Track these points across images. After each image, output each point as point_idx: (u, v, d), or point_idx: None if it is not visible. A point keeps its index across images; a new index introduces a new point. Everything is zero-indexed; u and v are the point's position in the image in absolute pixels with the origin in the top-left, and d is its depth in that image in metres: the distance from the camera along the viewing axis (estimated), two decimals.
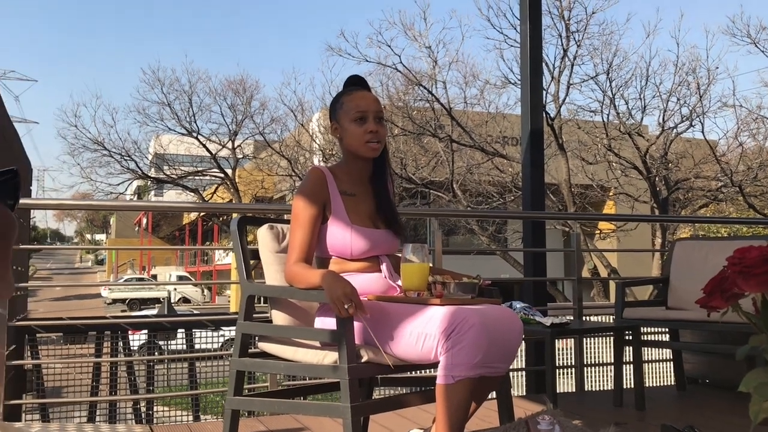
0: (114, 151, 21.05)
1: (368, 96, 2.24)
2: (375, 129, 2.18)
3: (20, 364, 3.80)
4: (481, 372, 1.90)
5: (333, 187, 2.20)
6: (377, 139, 2.19)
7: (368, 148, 2.19)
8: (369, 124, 2.18)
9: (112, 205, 8.50)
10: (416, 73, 15.30)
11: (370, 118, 2.19)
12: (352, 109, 2.20)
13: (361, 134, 2.18)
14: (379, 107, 2.22)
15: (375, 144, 2.19)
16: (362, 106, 2.20)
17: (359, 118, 2.19)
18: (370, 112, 2.19)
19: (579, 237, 4.70)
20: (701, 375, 4.35)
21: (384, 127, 2.23)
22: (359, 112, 2.19)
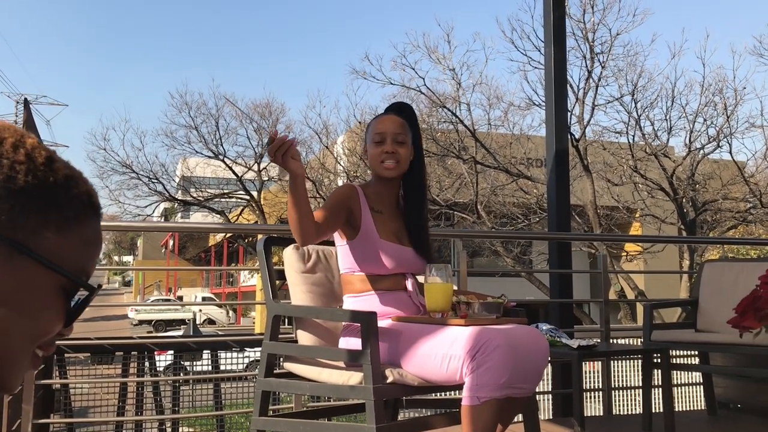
0: (142, 174, 21.35)
1: (390, 119, 2.29)
2: (391, 150, 2.22)
3: (48, 384, 3.84)
4: (508, 393, 1.89)
5: (363, 202, 2.23)
6: (393, 159, 2.23)
7: (383, 167, 2.24)
8: (386, 146, 2.23)
9: (139, 226, 8.61)
10: (440, 96, 15.36)
11: (387, 140, 2.24)
12: (372, 133, 2.28)
13: (378, 155, 2.24)
14: (398, 129, 2.26)
15: (390, 163, 2.23)
16: (380, 128, 2.26)
17: (378, 141, 2.25)
18: (388, 133, 2.24)
19: (606, 258, 4.65)
20: (733, 399, 4.26)
21: (405, 149, 2.26)
22: (378, 134, 2.25)
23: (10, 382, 0.67)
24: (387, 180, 2.28)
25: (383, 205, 2.28)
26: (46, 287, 0.66)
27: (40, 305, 0.66)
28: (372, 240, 2.19)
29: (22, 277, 0.64)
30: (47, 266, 0.66)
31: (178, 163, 24.31)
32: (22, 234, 0.64)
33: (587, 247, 14.84)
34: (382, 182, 2.29)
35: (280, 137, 1.88)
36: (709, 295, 3.91)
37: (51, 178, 0.67)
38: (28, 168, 0.66)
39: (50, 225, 0.66)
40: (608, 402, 4.25)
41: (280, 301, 2.32)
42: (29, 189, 0.65)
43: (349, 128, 18.24)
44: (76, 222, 0.68)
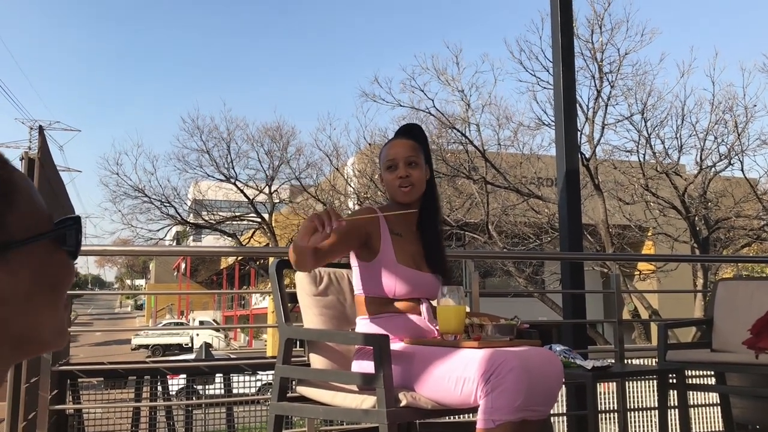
0: (154, 198, 21.47)
1: (399, 143, 2.30)
2: (404, 174, 2.24)
3: (62, 409, 3.84)
4: (523, 416, 1.88)
5: (384, 226, 2.23)
6: (408, 183, 2.24)
7: (400, 192, 2.25)
8: (399, 171, 2.24)
9: (151, 251, 8.63)
10: (449, 117, 15.40)
11: (400, 165, 2.25)
12: (384, 159, 2.30)
13: (393, 180, 2.26)
14: (409, 152, 2.27)
15: (406, 188, 2.24)
16: (391, 154, 2.27)
17: (390, 167, 2.27)
18: (399, 158, 2.26)
19: (619, 278, 4.63)
20: (750, 420, 4.20)
21: (418, 170, 2.27)
22: (389, 161, 2.27)
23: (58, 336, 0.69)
24: (405, 204, 2.29)
25: (402, 227, 2.29)
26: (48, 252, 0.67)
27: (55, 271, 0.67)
28: (389, 264, 2.19)
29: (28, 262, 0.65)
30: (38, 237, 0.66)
31: (190, 186, 24.46)
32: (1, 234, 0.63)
33: (600, 267, 14.75)
34: (400, 207, 2.30)
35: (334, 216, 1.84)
36: (723, 314, 3.87)
37: None
38: None
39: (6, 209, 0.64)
40: (624, 423, 4.20)
41: (292, 324, 2.32)
42: None
43: (359, 150, 18.31)
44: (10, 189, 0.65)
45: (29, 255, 0.65)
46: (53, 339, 0.69)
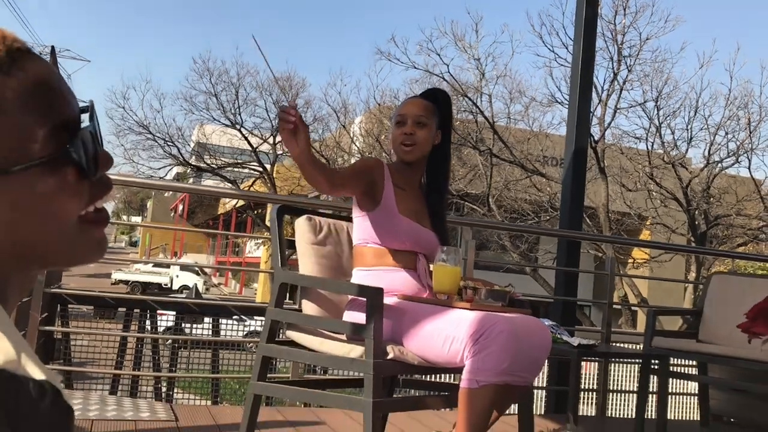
0: (158, 136, 21.40)
1: (415, 101, 2.29)
2: (410, 131, 2.22)
3: (51, 331, 3.88)
4: (507, 380, 1.90)
5: (388, 176, 2.24)
6: (410, 142, 2.22)
7: (401, 149, 2.24)
8: (405, 127, 2.23)
9: (151, 184, 8.62)
10: (462, 84, 15.27)
11: (408, 122, 2.23)
12: (395, 114, 2.28)
13: (397, 136, 2.24)
14: (421, 111, 2.25)
15: (408, 146, 2.22)
16: (403, 110, 2.26)
17: (399, 122, 2.25)
18: (409, 115, 2.24)
19: (613, 261, 4.64)
20: (727, 413, 4.26)
21: (426, 132, 2.25)
22: (399, 116, 2.26)
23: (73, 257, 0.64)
24: (412, 164, 2.29)
25: (406, 184, 2.29)
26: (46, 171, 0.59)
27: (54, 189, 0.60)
28: (391, 214, 2.20)
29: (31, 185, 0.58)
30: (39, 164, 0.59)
31: (195, 128, 24.35)
32: None
33: (594, 250, 14.79)
34: (407, 165, 2.29)
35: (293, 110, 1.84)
36: (714, 307, 3.90)
37: None
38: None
39: None
40: (602, 404, 4.26)
41: (287, 270, 2.33)
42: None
43: (368, 109, 18.19)
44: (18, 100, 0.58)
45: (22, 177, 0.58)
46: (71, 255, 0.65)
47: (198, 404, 5.86)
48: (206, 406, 3.84)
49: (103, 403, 2.98)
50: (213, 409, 3.28)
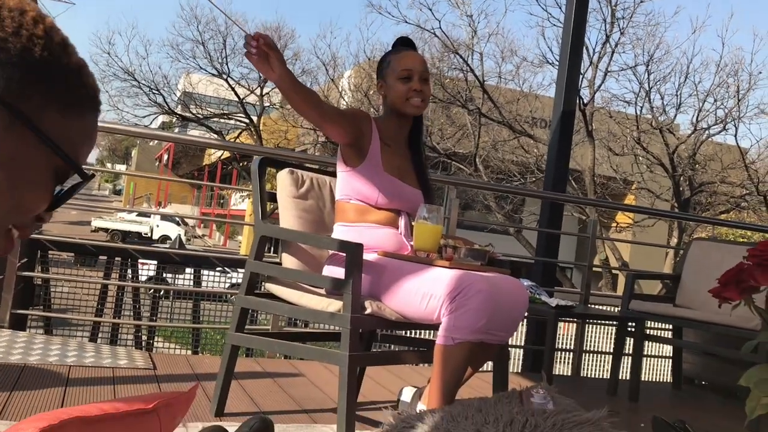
0: (143, 83, 21.11)
1: (416, 56, 2.28)
2: (420, 88, 2.22)
3: (30, 276, 3.86)
4: (482, 338, 1.91)
5: (375, 131, 2.22)
6: (421, 98, 2.23)
7: (411, 105, 2.23)
8: (414, 83, 2.22)
9: (137, 132, 8.53)
10: (454, 41, 15.11)
11: (415, 78, 2.22)
12: (398, 68, 2.23)
13: (405, 92, 2.22)
14: (425, 68, 2.26)
15: (418, 101, 2.23)
16: (409, 65, 2.23)
17: (405, 77, 2.22)
18: (415, 71, 2.22)
19: (596, 224, 4.67)
20: (698, 376, 4.35)
21: (428, 87, 2.27)
22: (405, 71, 2.22)
23: None
24: (404, 118, 2.28)
25: (392, 140, 2.27)
26: (41, 164, 0.67)
27: (30, 179, 0.67)
28: (376, 170, 2.18)
29: (19, 147, 0.65)
30: (47, 143, 0.66)
31: (181, 77, 24.04)
32: (27, 105, 0.65)
33: (578, 213, 14.89)
34: (396, 119, 2.28)
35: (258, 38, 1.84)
36: (692, 273, 3.94)
37: (65, 60, 0.68)
38: (45, 44, 0.66)
39: (56, 105, 0.67)
40: (577, 364, 4.33)
41: (268, 223, 2.31)
42: (43, 64, 0.65)
43: (358, 63, 17.99)
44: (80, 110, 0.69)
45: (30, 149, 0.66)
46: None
47: (178, 353, 5.90)
48: (185, 356, 3.86)
49: (82, 349, 2.99)
50: (192, 358, 3.30)
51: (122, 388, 2.48)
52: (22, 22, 0.65)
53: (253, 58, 1.86)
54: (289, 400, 2.57)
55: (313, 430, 2.21)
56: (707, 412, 3.49)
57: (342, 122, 2.12)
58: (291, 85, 1.93)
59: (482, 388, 2.77)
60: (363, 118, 2.21)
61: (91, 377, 2.59)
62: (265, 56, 1.87)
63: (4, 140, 0.64)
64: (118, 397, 2.30)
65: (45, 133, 0.66)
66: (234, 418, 2.21)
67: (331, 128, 2.12)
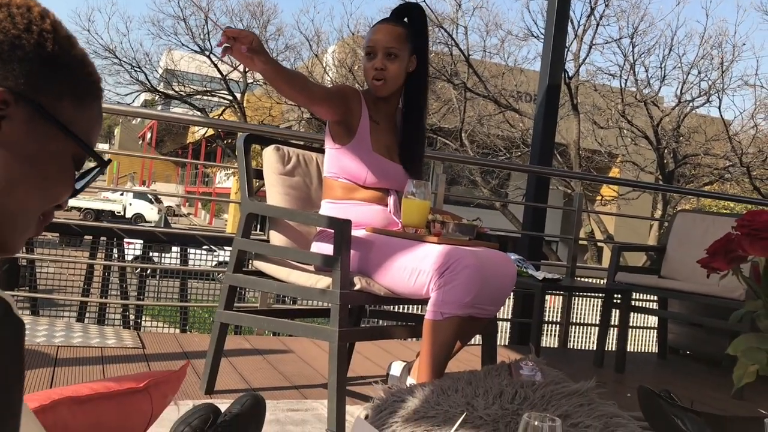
0: (125, 61, 20.82)
1: (383, 29, 2.14)
2: (380, 66, 2.11)
3: (14, 258, 3.83)
4: (471, 312, 1.92)
5: (365, 107, 2.17)
6: (380, 77, 2.12)
7: (373, 84, 2.15)
8: (376, 60, 2.12)
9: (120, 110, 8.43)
10: (438, 15, 14.99)
11: (378, 54, 2.12)
12: (365, 43, 2.16)
13: (368, 70, 2.15)
14: (391, 42, 2.11)
15: (378, 82, 2.12)
16: (372, 40, 2.13)
17: (368, 53, 2.14)
18: (378, 47, 2.11)
19: (582, 197, 4.69)
20: (683, 346, 4.41)
21: (397, 64, 2.13)
22: (368, 47, 2.14)
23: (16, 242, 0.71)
24: (380, 98, 2.20)
25: (380, 116, 2.22)
26: (63, 154, 0.71)
27: (56, 170, 0.71)
28: (364, 150, 2.14)
29: (43, 140, 0.69)
30: (67, 133, 0.70)
31: (163, 54, 23.71)
32: (45, 99, 0.68)
33: (564, 187, 14.95)
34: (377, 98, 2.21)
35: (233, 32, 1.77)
36: (677, 244, 3.98)
37: (72, 52, 0.72)
38: (54, 38, 0.70)
39: (69, 96, 0.71)
40: (564, 336, 4.38)
41: (255, 200, 2.30)
42: (54, 58, 0.69)
43: (342, 39, 17.82)
44: (90, 97, 0.73)
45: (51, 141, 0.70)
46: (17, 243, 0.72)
47: (166, 332, 5.90)
48: (173, 334, 3.86)
49: (69, 330, 2.98)
50: (180, 336, 3.29)
51: (111, 367, 2.48)
52: (31, 18, 0.69)
53: (229, 52, 1.79)
54: (280, 377, 2.58)
55: (303, 405, 2.22)
56: (693, 382, 3.55)
57: (330, 102, 2.06)
58: (275, 74, 1.87)
59: (471, 362, 2.79)
60: (351, 95, 2.14)
61: (80, 357, 2.58)
62: (250, 58, 1.79)
63: (29, 134, 0.67)
64: (108, 377, 2.30)
65: (64, 124, 0.70)
66: (224, 395, 2.22)
67: (319, 108, 2.07)
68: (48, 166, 0.70)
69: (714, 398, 3.04)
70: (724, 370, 3.72)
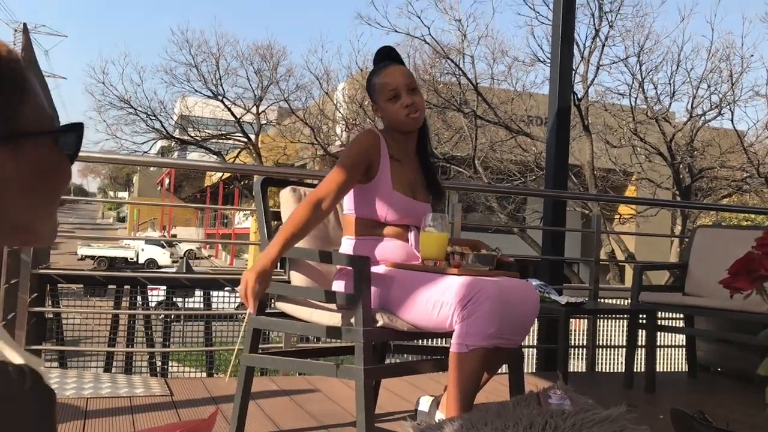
0: (140, 110, 21.19)
1: (395, 70, 2.23)
2: (410, 101, 2.19)
3: (41, 312, 3.88)
4: (496, 343, 1.92)
5: (384, 149, 2.20)
6: (415, 110, 2.20)
7: (409, 120, 2.20)
8: (403, 99, 2.19)
9: (136, 161, 8.54)
10: (444, 47, 15.15)
11: (403, 93, 2.19)
12: (383, 89, 2.21)
13: (398, 110, 2.19)
14: (408, 79, 2.21)
15: (414, 114, 2.20)
16: (392, 83, 2.20)
17: (393, 96, 2.20)
18: (401, 86, 2.19)
19: (600, 218, 4.67)
20: (713, 363, 4.34)
21: (419, 95, 2.23)
22: (391, 90, 2.20)
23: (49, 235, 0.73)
24: (408, 133, 2.26)
25: (401, 153, 2.25)
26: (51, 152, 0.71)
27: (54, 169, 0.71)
28: (384, 189, 2.17)
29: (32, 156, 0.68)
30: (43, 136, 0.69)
31: (177, 101, 24.12)
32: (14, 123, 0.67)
33: (581, 208, 14.88)
34: (401, 134, 2.26)
35: None
36: (699, 260, 3.95)
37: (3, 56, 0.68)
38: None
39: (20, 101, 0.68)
40: (592, 359, 4.33)
41: None
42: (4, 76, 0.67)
43: (351, 75, 18.02)
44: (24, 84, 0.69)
45: (34, 149, 0.69)
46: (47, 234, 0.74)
47: (193, 377, 5.90)
48: (201, 379, 3.87)
49: (98, 381, 3.00)
50: (207, 381, 3.31)
51: (141, 416, 2.49)
52: None
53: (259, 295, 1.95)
54: (308, 417, 2.58)
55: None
56: (725, 400, 3.49)
57: (355, 178, 2.13)
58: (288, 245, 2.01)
59: (499, 392, 2.77)
60: (370, 146, 2.17)
61: (109, 408, 2.60)
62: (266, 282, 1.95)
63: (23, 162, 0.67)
64: (138, 429, 2.31)
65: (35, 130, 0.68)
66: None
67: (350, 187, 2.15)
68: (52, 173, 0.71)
69: (749, 415, 2.99)
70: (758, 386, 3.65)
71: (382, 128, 2.30)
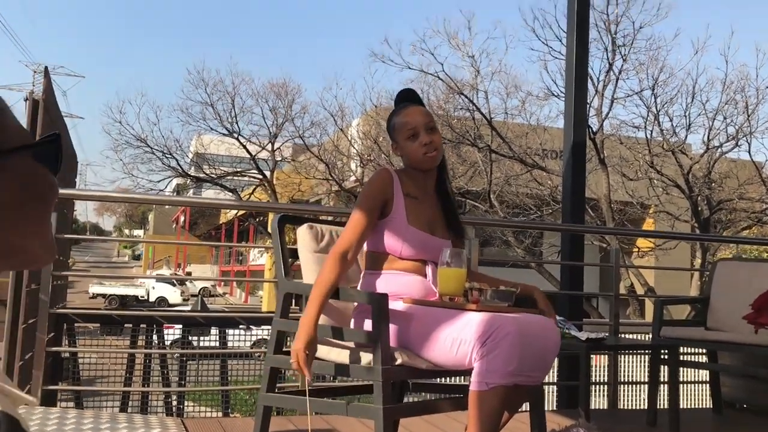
0: (156, 149, 21.42)
1: (414, 111, 2.28)
2: (428, 140, 2.22)
3: (58, 351, 3.88)
4: (516, 380, 1.89)
5: (398, 188, 2.22)
6: (433, 148, 2.23)
7: (427, 158, 2.23)
8: (422, 137, 2.22)
9: (152, 199, 8.60)
10: (458, 82, 15.25)
11: (421, 132, 2.23)
12: (403, 128, 2.26)
13: (417, 149, 2.22)
14: (427, 118, 2.26)
15: (432, 153, 2.23)
16: (411, 123, 2.24)
17: (412, 135, 2.24)
18: (419, 125, 2.23)
19: (618, 252, 4.63)
20: (739, 399, 4.24)
21: (438, 134, 2.27)
22: (410, 129, 2.24)
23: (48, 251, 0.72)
24: (427, 171, 2.28)
25: (419, 191, 2.27)
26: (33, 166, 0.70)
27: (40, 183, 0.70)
28: (399, 225, 2.18)
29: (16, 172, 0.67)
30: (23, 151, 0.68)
31: (193, 139, 24.38)
32: None
33: (599, 242, 14.76)
34: (420, 173, 2.28)
35: None
36: (720, 294, 3.88)
37: None
38: None
39: None
40: (614, 396, 4.24)
41: (291, 279, 2.32)
42: None
43: (365, 112, 18.18)
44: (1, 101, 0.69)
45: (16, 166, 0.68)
46: (43, 252, 0.72)
47: (209, 416, 5.85)
48: (217, 419, 3.83)
49: (114, 421, 2.97)
50: (224, 421, 3.27)
51: None
52: None
53: None
54: None
55: None
56: None
57: (374, 221, 2.17)
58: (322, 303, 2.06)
59: (520, 431, 2.71)
60: (383, 187, 2.20)
61: None
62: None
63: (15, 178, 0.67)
64: None
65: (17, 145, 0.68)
66: None
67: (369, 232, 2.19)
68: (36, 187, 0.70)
69: None
70: None
71: (401, 166, 2.33)
